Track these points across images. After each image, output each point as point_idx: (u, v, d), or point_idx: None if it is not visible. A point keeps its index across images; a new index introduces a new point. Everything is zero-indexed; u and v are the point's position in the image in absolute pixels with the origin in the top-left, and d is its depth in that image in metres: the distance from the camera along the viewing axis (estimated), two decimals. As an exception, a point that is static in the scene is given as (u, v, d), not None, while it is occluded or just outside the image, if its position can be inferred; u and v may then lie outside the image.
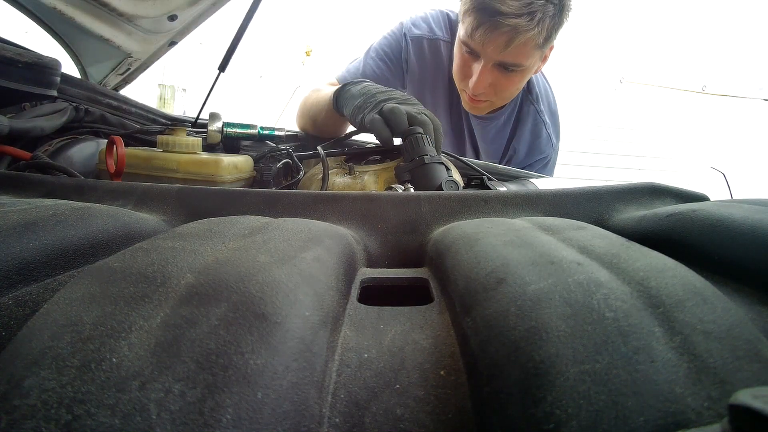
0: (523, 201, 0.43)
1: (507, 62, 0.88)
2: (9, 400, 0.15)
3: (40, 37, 0.96)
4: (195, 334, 0.18)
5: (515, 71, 0.90)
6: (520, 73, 0.92)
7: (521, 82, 0.95)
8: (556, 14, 0.84)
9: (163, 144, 0.67)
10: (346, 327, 0.24)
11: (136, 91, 1.09)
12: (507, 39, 0.84)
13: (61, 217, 0.31)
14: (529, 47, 0.86)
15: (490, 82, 0.92)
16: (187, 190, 0.44)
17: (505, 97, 0.99)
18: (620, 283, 0.21)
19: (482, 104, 0.99)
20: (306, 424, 0.17)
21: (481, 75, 0.90)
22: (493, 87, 0.93)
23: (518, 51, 0.86)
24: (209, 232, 0.29)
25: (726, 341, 0.18)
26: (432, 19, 1.09)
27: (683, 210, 0.33)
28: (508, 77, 0.91)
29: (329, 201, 0.42)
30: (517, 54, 0.86)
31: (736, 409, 0.12)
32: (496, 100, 0.98)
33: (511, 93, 0.98)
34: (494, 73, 0.91)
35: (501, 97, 0.97)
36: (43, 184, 0.47)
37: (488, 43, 0.85)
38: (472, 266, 0.26)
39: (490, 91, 0.94)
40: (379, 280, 0.32)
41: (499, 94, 0.95)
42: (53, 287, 0.27)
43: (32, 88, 0.72)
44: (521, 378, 0.17)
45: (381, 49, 1.10)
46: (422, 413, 0.19)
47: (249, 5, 0.88)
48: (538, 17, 0.82)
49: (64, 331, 0.18)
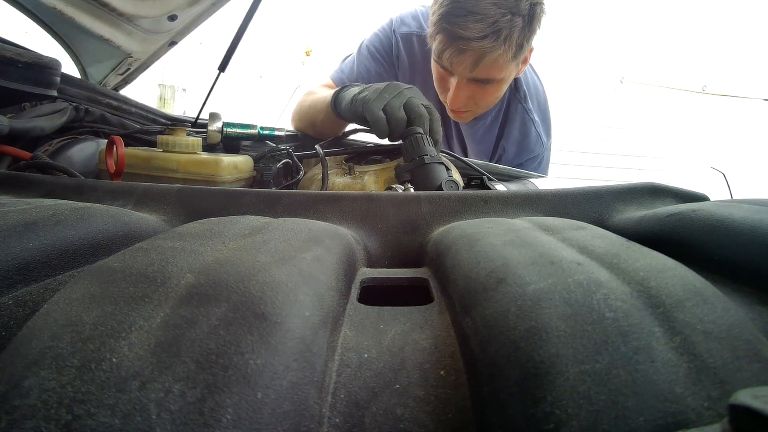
0: (523, 201, 0.43)
1: (480, 78, 0.87)
2: (9, 400, 0.15)
3: (40, 37, 0.96)
4: (195, 334, 0.18)
5: (491, 83, 0.89)
6: (497, 84, 0.90)
7: (500, 90, 0.93)
8: (525, 26, 0.81)
9: (163, 144, 0.67)
10: (346, 327, 0.24)
11: (136, 91, 1.08)
12: (474, 60, 0.82)
13: (61, 217, 0.31)
14: (501, 63, 0.84)
15: (467, 96, 0.91)
16: (187, 190, 0.44)
17: (487, 105, 0.98)
18: (620, 283, 0.21)
19: (464, 114, 0.98)
20: (306, 424, 0.17)
21: (456, 91, 0.89)
22: (471, 99, 0.92)
23: (489, 68, 0.84)
24: (209, 232, 0.29)
25: (726, 341, 0.18)
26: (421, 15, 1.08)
27: (683, 210, 0.33)
28: (485, 89, 0.90)
29: (329, 201, 0.42)
30: (489, 70, 0.85)
31: (736, 409, 0.12)
32: (477, 110, 0.97)
33: (491, 102, 0.97)
34: (470, 87, 0.89)
35: (482, 106, 0.96)
36: (43, 184, 0.47)
37: (456, 64, 0.84)
38: (472, 266, 0.26)
39: (470, 103, 0.93)
40: (379, 280, 0.32)
41: (479, 104, 0.94)
42: (53, 287, 0.27)
43: (32, 88, 0.72)
44: (521, 378, 0.17)
45: (372, 46, 1.09)
46: (422, 413, 0.19)
47: (249, 5, 0.88)
48: (504, 35, 0.79)
49: (64, 331, 0.18)
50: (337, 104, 0.80)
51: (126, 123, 0.88)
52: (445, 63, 0.85)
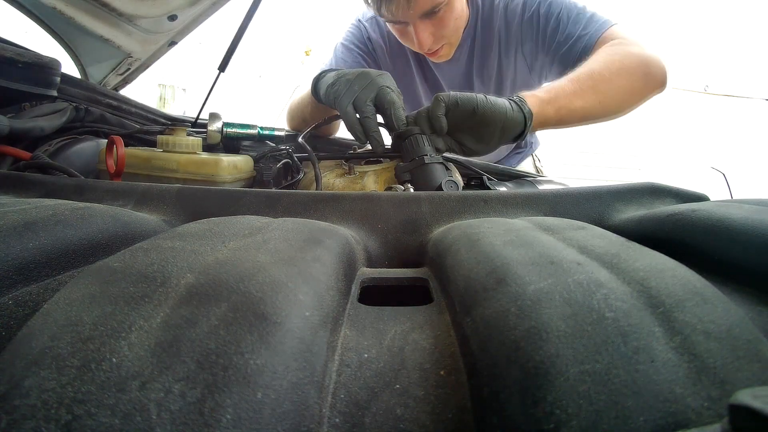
0: (523, 201, 0.43)
1: (426, 10, 0.89)
2: (9, 400, 0.15)
3: (40, 37, 0.96)
4: (195, 334, 0.18)
5: (440, 8, 0.91)
6: (447, 7, 0.92)
7: (454, 10, 0.94)
8: None
9: (163, 144, 0.67)
10: (346, 327, 0.24)
11: (136, 91, 1.09)
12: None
13: (61, 217, 0.31)
14: None
15: (429, 33, 0.93)
16: (187, 190, 0.44)
17: (457, 28, 0.98)
18: (620, 283, 0.21)
19: (442, 51, 1.00)
20: (306, 424, 0.17)
21: (417, 35, 0.92)
22: (435, 34, 0.94)
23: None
24: (209, 232, 0.29)
25: (726, 341, 0.18)
26: None
27: (683, 210, 0.33)
28: (440, 17, 0.92)
29: (329, 201, 0.42)
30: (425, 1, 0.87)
31: (736, 409, 0.12)
32: (450, 38, 0.99)
33: (456, 23, 0.97)
34: (425, 23, 0.92)
35: (450, 32, 0.97)
36: (43, 184, 0.47)
37: (396, 11, 0.87)
38: (472, 266, 0.26)
39: (437, 37, 0.95)
40: (379, 280, 0.32)
41: (444, 34, 0.96)
42: (53, 287, 0.27)
43: (32, 88, 0.72)
44: (521, 378, 0.17)
45: (345, 41, 1.13)
46: (422, 413, 0.19)
47: (249, 5, 0.88)
48: None
49: (64, 331, 0.18)
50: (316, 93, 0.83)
51: (126, 123, 0.88)
52: (389, 16, 0.89)
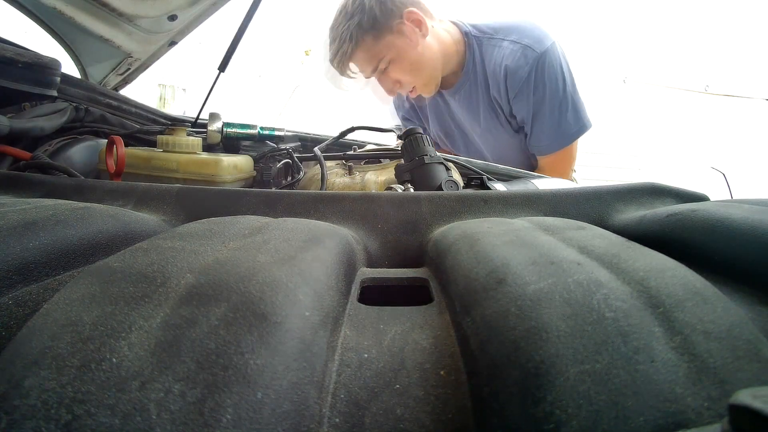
0: (523, 201, 0.43)
1: (369, 72, 0.99)
2: (9, 400, 0.15)
3: (40, 37, 0.96)
4: (195, 334, 0.18)
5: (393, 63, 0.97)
6: (397, 60, 0.97)
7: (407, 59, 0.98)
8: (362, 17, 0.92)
9: (163, 144, 0.67)
10: (346, 327, 0.24)
11: (136, 91, 1.08)
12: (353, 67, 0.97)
13: (61, 217, 0.31)
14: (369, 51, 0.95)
15: (392, 82, 1.00)
16: (187, 190, 0.44)
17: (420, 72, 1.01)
18: (620, 283, 0.21)
19: (414, 92, 1.04)
20: (306, 424, 0.17)
21: (384, 86, 1.02)
22: (397, 83, 1.01)
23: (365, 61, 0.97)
24: (209, 232, 0.29)
25: (726, 341, 0.18)
26: None
27: (683, 210, 0.33)
28: (396, 68, 0.98)
29: (329, 201, 0.42)
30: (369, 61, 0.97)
31: (736, 409, 0.12)
32: (416, 82, 1.02)
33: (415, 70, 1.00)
34: (385, 77, 1.00)
35: (414, 78, 1.01)
36: (43, 184, 0.47)
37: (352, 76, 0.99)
38: (472, 266, 0.26)
39: (405, 82, 1.01)
40: (379, 280, 0.32)
41: (408, 79, 1.01)
42: (53, 287, 0.27)
43: (32, 88, 0.72)
44: (521, 378, 0.17)
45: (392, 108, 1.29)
46: (422, 413, 0.19)
47: (249, 5, 0.88)
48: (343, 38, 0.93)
49: (64, 331, 0.18)
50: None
51: (126, 123, 0.88)
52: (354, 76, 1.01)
